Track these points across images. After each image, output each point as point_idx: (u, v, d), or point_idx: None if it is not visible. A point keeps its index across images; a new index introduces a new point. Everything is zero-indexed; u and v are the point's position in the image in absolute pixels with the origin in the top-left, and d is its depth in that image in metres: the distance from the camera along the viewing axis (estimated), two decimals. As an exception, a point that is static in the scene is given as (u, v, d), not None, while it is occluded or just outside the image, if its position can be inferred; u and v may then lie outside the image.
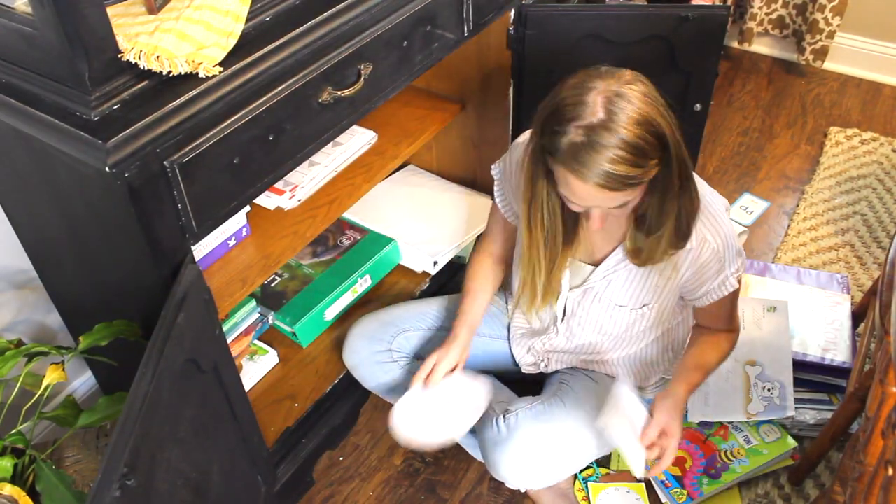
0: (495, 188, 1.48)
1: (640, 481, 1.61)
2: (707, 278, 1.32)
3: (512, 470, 1.40)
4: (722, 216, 1.29)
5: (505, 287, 1.62)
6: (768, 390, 1.65)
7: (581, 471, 1.63)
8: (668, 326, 1.46)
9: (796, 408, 1.65)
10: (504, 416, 1.42)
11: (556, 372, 1.57)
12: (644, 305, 1.38)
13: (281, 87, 1.14)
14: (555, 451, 1.41)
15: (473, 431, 1.56)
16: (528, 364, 1.60)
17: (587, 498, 1.59)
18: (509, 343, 1.62)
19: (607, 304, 1.40)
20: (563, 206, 1.24)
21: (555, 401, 1.45)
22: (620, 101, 1.07)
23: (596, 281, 1.38)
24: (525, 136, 1.40)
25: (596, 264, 1.37)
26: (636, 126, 1.07)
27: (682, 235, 1.23)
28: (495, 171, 1.46)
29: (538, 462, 1.41)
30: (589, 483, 1.60)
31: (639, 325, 1.42)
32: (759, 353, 1.72)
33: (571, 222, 1.29)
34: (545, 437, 1.41)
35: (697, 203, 1.21)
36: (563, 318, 1.46)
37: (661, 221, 1.21)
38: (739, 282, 1.34)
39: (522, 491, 1.61)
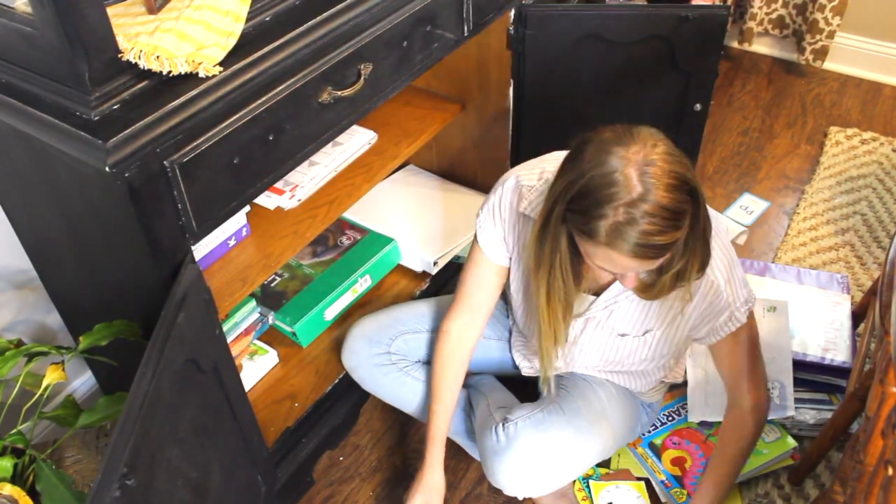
0: (483, 238, 1.40)
1: (640, 479, 1.61)
2: (714, 312, 1.30)
3: (511, 479, 1.40)
4: (727, 246, 1.28)
5: (504, 289, 1.62)
6: (769, 390, 1.65)
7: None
8: (669, 353, 1.44)
9: (796, 407, 1.65)
10: (503, 425, 1.42)
11: (556, 376, 1.57)
12: (647, 332, 1.37)
13: (281, 87, 1.14)
14: (554, 460, 1.41)
15: (472, 433, 1.56)
16: (527, 367, 1.60)
17: (588, 498, 1.59)
18: (509, 345, 1.62)
19: (609, 333, 1.39)
20: (572, 254, 1.21)
21: (554, 408, 1.44)
22: (652, 170, 1.04)
23: (597, 311, 1.36)
24: (510, 182, 1.35)
25: (597, 293, 1.36)
26: (673, 191, 1.05)
27: (699, 269, 1.20)
28: (479, 221, 1.40)
29: (537, 471, 1.40)
30: (590, 482, 1.60)
31: (641, 352, 1.41)
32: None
33: (577, 263, 1.25)
34: (544, 447, 1.40)
35: (710, 231, 1.19)
36: (563, 349, 1.45)
37: (682, 260, 1.18)
38: (751, 319, 1.32)
39: (521, 498, 1.61)
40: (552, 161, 1.32)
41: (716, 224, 1.25)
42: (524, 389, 1.58)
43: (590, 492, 1.59)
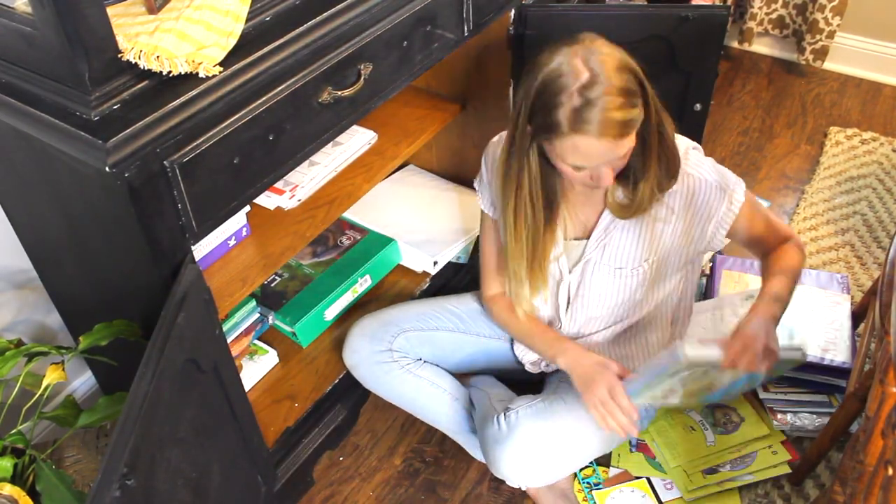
0: (484, 204, 1.48)
1: (639, 478, 1.61)
2: (713, 211, 1.33)
3: (512, 468, 1.40)
4: (694, 153, 1.33)
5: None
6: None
7: (581, 470, 1.63)
8: (669, 291, 1.46)
9: (796, 412, 1.65)
10: (505, 414, 1.43)
11: (557, 371, 1.57)
12: (644, 261, 1.39)
13: (281, 87, 1.15)
14: (555, 448, 1.42)
15: (474, 431, 1.56)
16: (530, 362, 1.60)
17: (588, 499, 1.59)
18: (511, 342, 1.62)
19: (607, 271, 1.40)
20: (543, 180, 1.28)
21: (555, 398, 1.45)
22: (595, 56, 1.14)
23: (591, 251, 1.39)
24: (495, 139, 1.44)
25: (587, 237, 1.39)
26: (619, 72, 1.13)
27: (671, 174, 1.27)
28: (477, 181, 1.49)
29: (538, 460, 1.41)
30: (594, 492, 1.60)
31: (640, 289, 1.42)
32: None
33: (549, 195, 1.32)
34: (546, 435, 1.41)
35: (673, 136, 1.26)
36: (566, 308, 1.46)
37: (646, 166, 1.24)
38: (747, 194, 1.35)
39: (522, 489, 1.61)
40: None
41: (680, 140, 1.32)
42: (524, 389, 1.58)
43: (594, 502, 1.58)
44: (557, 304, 1.47)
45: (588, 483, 1.62)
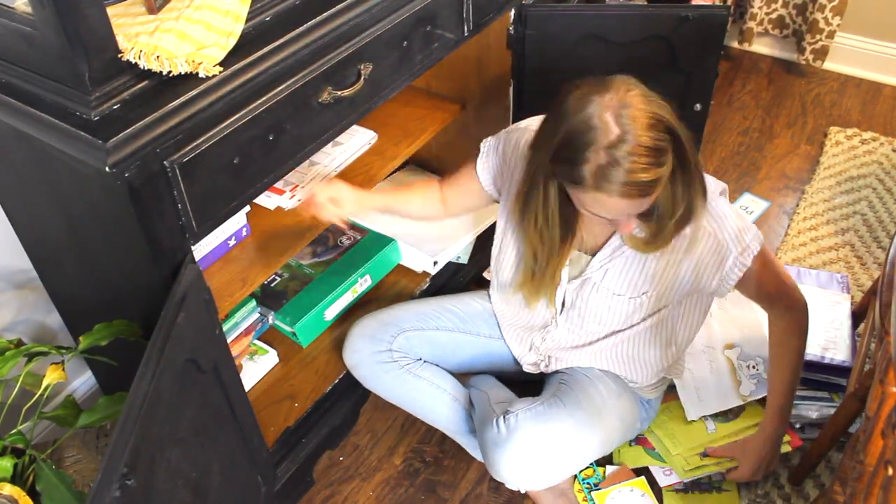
0: (481, 159, 1.48)
1: (639, 474, 1.61)
2: (722, 262, 1.32)
3: (512, 471, 1.40)
4: (720, 201, 1.31)
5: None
6: (753, 367, 1.66)
7: (581, 471, 1.63)
8: (665, 316, 1.45)
9: (798, 404, 1.65)
10: (504, 417, 1.42)
11: (556, 372, 1.57)
12: (643, 293, 1.38)
13: (281, 87, 1.14)
14: (554, 452, 1.42)
15: (474, 431, 1.56)
16: (529, 363, 1.60)
17: (588, 499, 1.59)
18: (505, 341, 1.62)
19: (605, 294, 1.40)
20: (561, 207, 1.26)
21: (554, 401, 1.45)
22: (628, 111, 1.09)
23: (593, 270, 1.38)
24: (529, 123, 1.42)
25: (593, 253, 1.38)
26: (650, 130, 1.10)
27: (691, 214, 1.24)
28: (486, 145, 1.48)
29: (538, 463, 1.41)
30: (593, 493, 1.60)
31: (637, 314, 1.42)
32: (732, 334, 1.74)
33: (566, 218, 1.30)
34: (545, 438, 1.41)
35: (702, 176, 1.23)
36: (562, 311, 1.46)
37: (674, 207, 1.22)
38: (762, 248, 1.34)
39: (522, 492, 1.61)
40: None
41: (710, 184, 1.29)
42: (524, 389, 1.58)
43: (594, 503, 1.58)
44: (554, 308, 1.47)
45: (588, 483, 1.62)
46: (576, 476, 1.63)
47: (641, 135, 1.09)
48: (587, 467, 1.64)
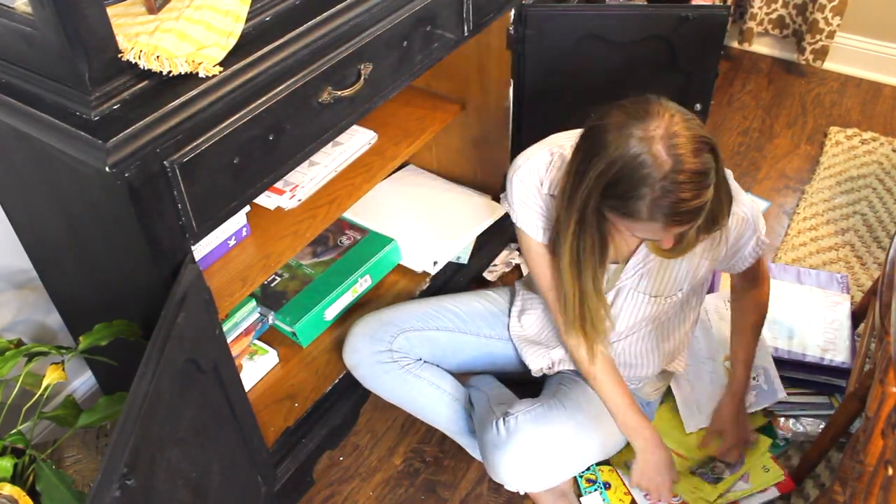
0: (519, 219, 1.38)
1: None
2: (742, 245, 1.37)
3: (511, 473, 1.40)
4: (737, 187, 1.33)
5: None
6: (753, 378, 1.66)
7: (581, 474, 1.63)
8: (684, 300, 1.46)
9: (798, 417, 1.65)
10: (504, 419, 1.42)
11: (557, 373, 1.57)
12: (679, 290, 1.39)
13: (281, 87, 1.14)
14: (554, 454, 1.41)
15: (474, 432, 1.56)
16: (536, 369, 1.59)
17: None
18: (512, 344, 1.62)
19: (641, 298, 1.40)
20: (599, 235, 1.24)
21: (555, 403, 1.45)
22: (677, 141, 1.08)
23: (628, 277, 1.38)
24: (527, 160, 1.35)
25: (625, 261, 1.37)
26: (699, 154, 1.09)
27: (719, 220, 1.22)
28: (508, 203, 1.39)
29: (538, 465, 1.41)
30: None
31: (670, 311, 1.45)
32: None
33: (602, 237, 1.26)
34: (545, 440, 1.40)
35: (730, 187, 1.21)
36: None
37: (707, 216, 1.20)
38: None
39: (522, 493, 1.61)
40: (556, 141, 1.35)
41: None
42: (524, 390, 1.58)
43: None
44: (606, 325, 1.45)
45: (588, 482, 1.62)
46: (576, 478, 1.63)
47: (692, 162, 1.07)
48: (588, 470, 1.64)
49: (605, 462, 1.65)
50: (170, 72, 1.02)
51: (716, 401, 1.66)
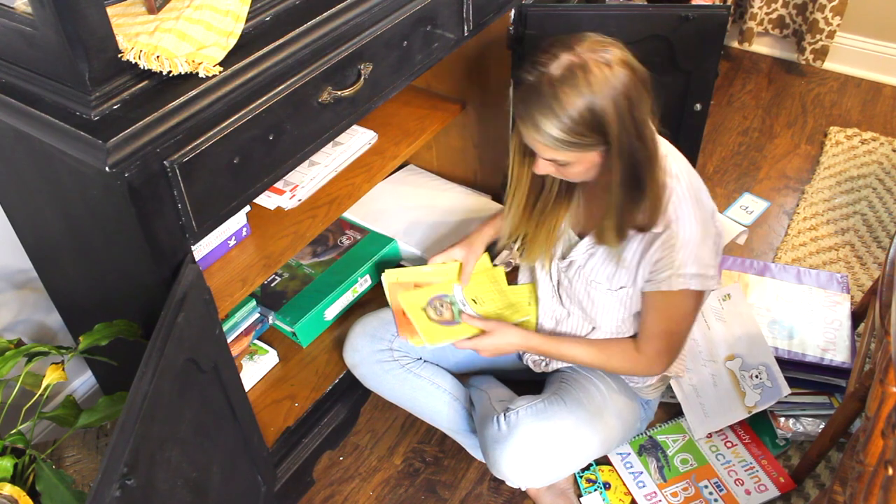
0: None
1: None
2: (662, 266, 1.29)
3: (512, 468, 1.41)
4: (701, 216, 1.27)
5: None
6: (756, 377, 1.66)
7: (581, 474, 1.63)
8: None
9: (798, 417, 1.65)
10: (505, 414, 1.43)
11: (557, 371, 1.57)
12: (621, 288, 1.38)
13: (281, 87, 1.14)
14: (555, 449, 1.42)
15: (474, 431, 1.56)
16: (532, 361, 1.60)
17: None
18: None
19: (586, 281, 1.41)
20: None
21: (555, 399, 1.45)
22: (580, 74, 1.13)
23: (578, 254, 1.40)
24: None
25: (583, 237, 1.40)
26: (578, 100, 1.13)
27: (622, 226, 1.26)
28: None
29: (538, 460, 1.41)
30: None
31: (619, 312, 1.41)
32: (732, 345, 1.73)
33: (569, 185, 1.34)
34: (545, 435, 1.41)
35: (652, 195, 1.23)
36: (557, 288, 1.48)
37: (609, 206, 1.25)
38: (688, 299, 1.30)
39: (522, 489, 1.61)
40: None
41: (696, 193, 1.28)
42: (524, 389, 1.58)
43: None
44: (552, 281, 1.49)
45: (588, 482, 1.62)
46: (575, 476, 1.63)
47: (568, 94, 1.12)
48: (587, 469, 1.64)
49: (605, 462, 1.65)
50: (170, 72, 1.02)
51: (722, 403, 1.66)
